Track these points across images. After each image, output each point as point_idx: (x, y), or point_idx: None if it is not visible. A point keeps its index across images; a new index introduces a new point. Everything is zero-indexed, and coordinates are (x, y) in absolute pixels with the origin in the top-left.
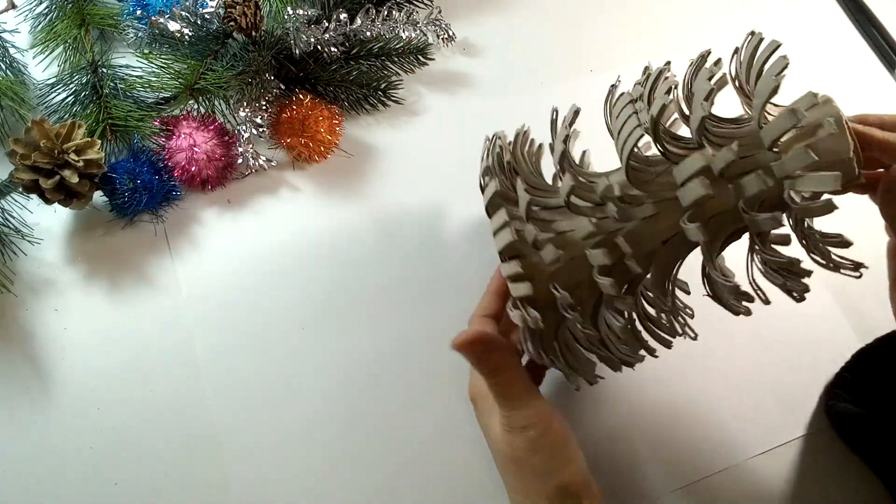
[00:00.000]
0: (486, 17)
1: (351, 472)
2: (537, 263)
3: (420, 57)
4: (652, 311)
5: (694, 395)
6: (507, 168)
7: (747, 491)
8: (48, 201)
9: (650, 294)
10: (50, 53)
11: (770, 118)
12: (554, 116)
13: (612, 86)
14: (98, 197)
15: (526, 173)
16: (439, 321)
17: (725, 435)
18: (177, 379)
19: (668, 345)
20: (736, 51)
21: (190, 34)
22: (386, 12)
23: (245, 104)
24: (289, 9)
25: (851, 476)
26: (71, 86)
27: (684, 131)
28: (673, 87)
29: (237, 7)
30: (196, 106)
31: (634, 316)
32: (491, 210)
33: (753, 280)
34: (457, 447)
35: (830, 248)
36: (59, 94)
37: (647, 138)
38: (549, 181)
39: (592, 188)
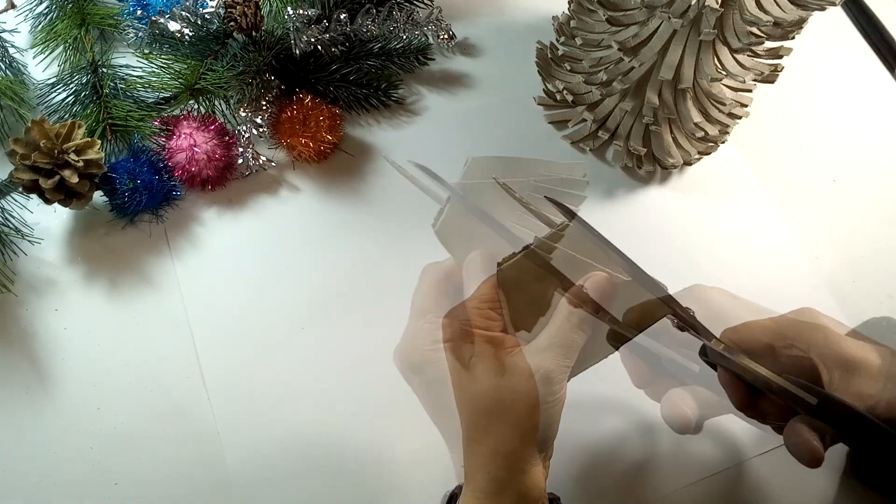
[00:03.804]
0: (487, 17)
1: (351, 472)
2: None
3: (420, 57)
4: None
5: None
6: None
7: (747, 491)
8: (48, 201)
9: None
10: (50, 53)
11: None
12: None
13: None
14: (98, 197)
15: None
16: None
17: (725, 435)
18: (177, 379)
19: None
20: None
21: (190, 34)
22: (386, 12)
23: (245, 104)
24: (289, 9)
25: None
26: (71, 86)
27: None
28: None
29: (237, 7)
30: (196, 106)
31: None
32: None
33: None
34: None
35: None
36: (59, 94)
37: None
38: None
39: None
